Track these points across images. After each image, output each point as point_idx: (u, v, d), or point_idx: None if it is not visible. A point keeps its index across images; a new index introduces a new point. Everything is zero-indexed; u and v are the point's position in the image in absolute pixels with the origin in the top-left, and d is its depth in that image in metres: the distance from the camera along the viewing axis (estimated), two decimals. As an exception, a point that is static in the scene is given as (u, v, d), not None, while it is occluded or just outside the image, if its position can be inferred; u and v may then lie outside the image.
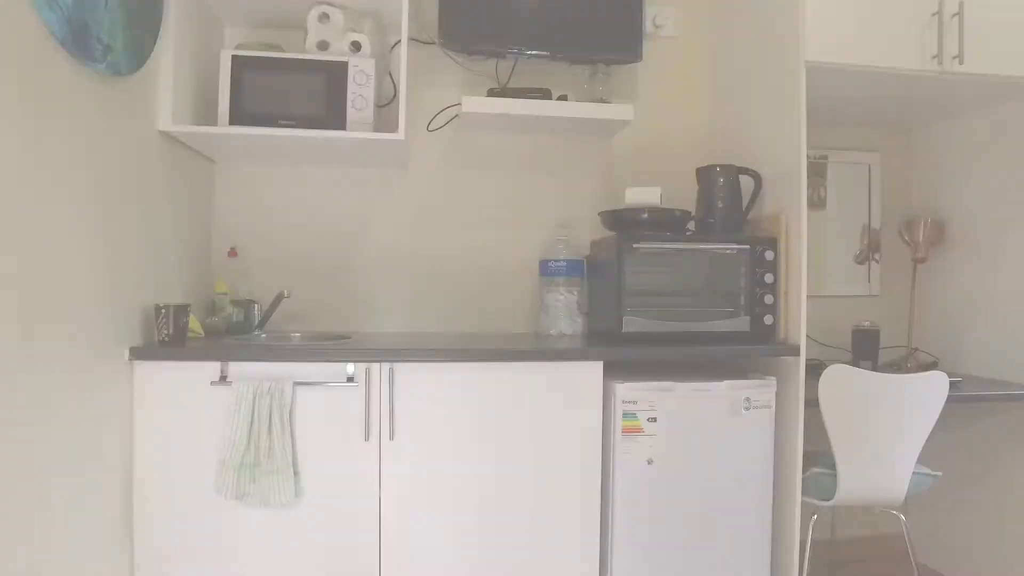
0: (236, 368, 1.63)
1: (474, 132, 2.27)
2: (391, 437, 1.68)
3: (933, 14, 1.92)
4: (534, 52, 2.16)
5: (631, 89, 2.35)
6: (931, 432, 1.87)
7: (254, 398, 1.59)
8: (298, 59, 1.87)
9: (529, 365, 1.72)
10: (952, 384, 2.01)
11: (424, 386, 1.69)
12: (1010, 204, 2.20)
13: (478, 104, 2.03)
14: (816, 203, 2.58)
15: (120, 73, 1.49)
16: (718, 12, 2.35)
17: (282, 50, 1.94)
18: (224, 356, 1.62)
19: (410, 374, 1.69)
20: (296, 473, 1.64)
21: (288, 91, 1.87)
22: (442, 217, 2.26)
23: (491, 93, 2.12)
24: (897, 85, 2.04)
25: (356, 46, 1.96)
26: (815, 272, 2.56)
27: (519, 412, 1.73)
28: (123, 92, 1.55)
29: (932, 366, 2.43)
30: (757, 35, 2.08)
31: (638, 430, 1.73)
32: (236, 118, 1.82)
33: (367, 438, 1.67)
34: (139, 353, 1.59)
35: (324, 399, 1.66)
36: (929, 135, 2.56)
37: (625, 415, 1.72)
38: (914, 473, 1.93)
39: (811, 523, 1.96)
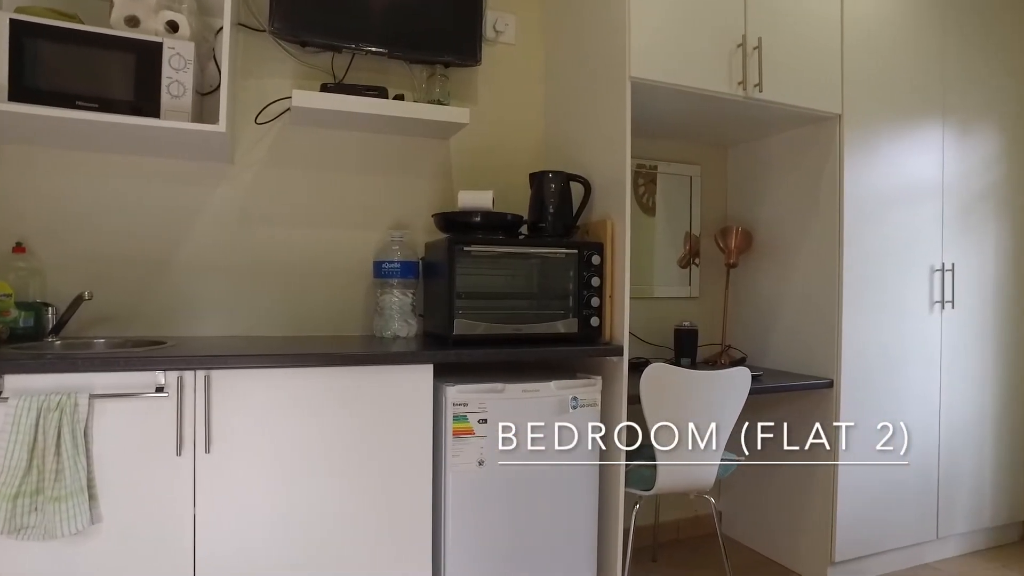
0: (15, 381, 1.42)
1: (307, 127, 2.17)
2: (207, 450, 1.56)
3: (738, 45, 2.12)
4: (372, 49, 2.11)
5: (469, 92, 2.37)
6: (737, 421, 2.07)
7: (38, 415, 1.40)
8: (101, 34, 1.68)
9: (357, 369, 1.67)
10: (754, 378, 2.23)
11: (246, 394, 1.59)
12: (801, 217, 2.49)
13: (310, 99, 1.95)
14: (648, 209, 2.76)
15: None
16: (555, 24, 2.43)
17: (79, 21, 1.73)
18: (-1, 368, 1.41)
19: (229, 381, 1.57)
20: (92, 497, 1.46)
21: (89, 69, 1.67)
22: (271, 215, 2.13)
23: (325, 88, 2.04)
24: (711, 105, 2.23)
25: (172, 26, 1.79)
26: (646, 275, 2.73)
27: (348, 418, 1.67)
28: None
29: (741, 362, 2.69)
30: (588, 49, 2.19)
31: (469, 432, 1.74)
32: (19, 94, 1.60)
33: (179, 452, 1.54)
34: None
35: (129, 412, 1.50)
36: (740, 152, 2.83)
37: (456, 417, 1.73)
38: (722, 460, 2.12)
39: (634, 512, 2.10)
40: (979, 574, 2.49)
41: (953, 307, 2.59)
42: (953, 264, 2.59)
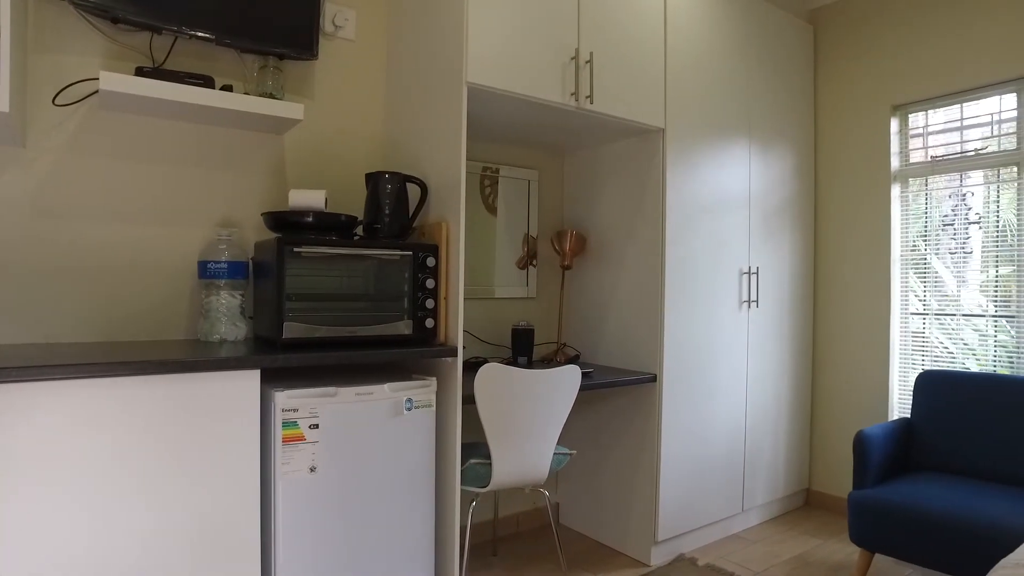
0: None
1: (120, 113, 1.98)
2: (-14, 476, 1.38)
3: (571, 58, 2.24)
4: (198, 33, 1.97)
5: (306, 87, 2.29)
6: (569, 417, 2.19)
7: None
8: None
9: (175, 377, 1.56)
10: (584, 375, 2.37)
11: (38, 410, 1.42)
12: (629, 222, 2.68)
13: (122, 83, 1.77)
14: (494, 210, 2.83)
15: None
16: (396, 23, 2.42)
17: None
18: None
19: (14, 396, 1.40)
20: None
21: None
22: (75, 208, 1.92)
23: (141, 72, 1.87)
24: (546, 114, 2.33)
25: (-62, -13, 1.55)
26: (487, 276, 2.80)
27: (166, 429, 1.55)
28: None
29: (575, 360, 2.84)
30: (428, 52, 2.20)
31: (300, 438, 1.69)
32: None
33: (-52, 481, 1.34)
34: None
35: None
36: (576, 159, 2.98)
37: (285, 424, 1.67)
38: (554, 454, 2.23)
39: (471, 509, 2.15)
40: (776, 537, 2.83)
41: (758, 306, 2.92)
42: (758, 268, 2.92)
